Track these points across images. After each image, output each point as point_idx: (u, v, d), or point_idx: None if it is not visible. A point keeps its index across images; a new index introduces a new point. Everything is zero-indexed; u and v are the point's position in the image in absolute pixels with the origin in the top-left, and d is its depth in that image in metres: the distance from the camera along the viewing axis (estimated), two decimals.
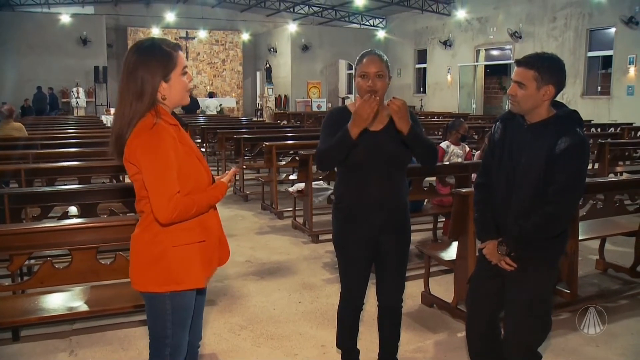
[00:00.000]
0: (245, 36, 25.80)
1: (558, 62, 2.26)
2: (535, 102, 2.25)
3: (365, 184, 2.48)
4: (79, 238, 3.03)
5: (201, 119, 13.82)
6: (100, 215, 4.04)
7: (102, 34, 21.61)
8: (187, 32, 24.04)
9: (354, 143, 2.34)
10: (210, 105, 18.52)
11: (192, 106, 16.06)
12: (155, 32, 23.19)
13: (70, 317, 3.26)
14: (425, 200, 5.33)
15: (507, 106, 2.49)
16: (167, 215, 1.87)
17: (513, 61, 17.55)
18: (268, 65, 23.71)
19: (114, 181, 5.50)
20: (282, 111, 20.91)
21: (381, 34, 24.21)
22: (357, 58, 2.52)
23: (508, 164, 2.34)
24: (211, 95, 19.89)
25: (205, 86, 24.58)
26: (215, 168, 9.37)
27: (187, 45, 23.78)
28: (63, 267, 3.12)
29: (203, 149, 9.82)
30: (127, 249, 2.28)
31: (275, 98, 23.32)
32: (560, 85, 2.26)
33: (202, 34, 24.45)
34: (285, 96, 23.74)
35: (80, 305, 3.23)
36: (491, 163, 2.45)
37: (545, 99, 2.25)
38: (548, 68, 2.22)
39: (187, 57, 23.80)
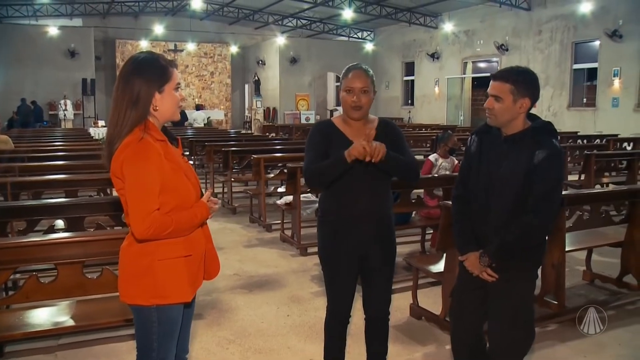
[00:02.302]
0: (234, 49, 25.90)
1: (532, 75, 2.33)
2: (511, 114, 2.31)
3: (350, 197, 2.50)
4: (65, 252, 3.01)
5: (189, 132, 13.81)
6: (87, 229, 4.02)
7: (90, 46, 21.62)
8: (175, 45, 24.08)
9: (347, 169, 2.38)
10: (197, 118, 18.54)
11: (180, 119, 16.05)
12: (144, 44, 23.21)
13: (55, 333, 3.23)
14: (413, 213, 5.36)
15: None
16: (141, 232, 1.89)
17: (498, 70, 17.71)
18: (256, 77, 23.81)
19: (102, 194, 5.47)
20: (270, 124, 20.96)
21: (369, 47, 24.42)
22: (343, 72, 2.55)
23: (486, 175, 2.38)
24: (199, 107, 19.91)
25: (193, 98, 24.55)
26: (204, 181, 9.34)
27: (176, 57, 23.77)
28: (49, 282, 3.09)
29: (191, 162, 9.80)
30: (114, 263, 2.28)
31: (264, 110, 23.38)
32: (535, 97, 2.33)
33: (191, 46, 24.53)
34: (274, 108, 23.79)
35: (66, 320, 3.21)
36: (468, 175, 2.49)
37: (522, 111, 2.31)
38: (523, 81, 2.29)
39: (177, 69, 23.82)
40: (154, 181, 1.90)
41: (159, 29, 23.44)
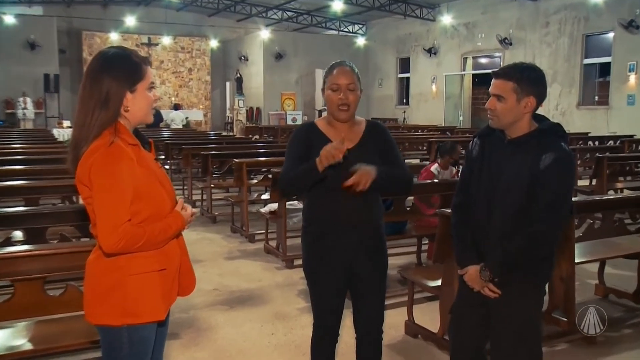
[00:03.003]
0: (214, 43, 25.88)
1: (538, 72, 2.33)
2: (515, 115, 2.31)
3: (336, 205, 2.50)
4: (23, 267, 2.96)
5: (165, 134, 13.76)
6: (50, 241, 3.97)
7: (53, 37, 21.24)
8: (149, 38, 24.02)
9: (321, 177, 2.38)
10: (175, 119, 18.45)
11: (155, 119, 15.92)
12: (114, 37, 23.08)
13: (11, 358, 3.17)
14: (408, 222, 5.37)
15: None
16: (110, 245, 1.88)
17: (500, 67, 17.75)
18: (238, 74, 23.80)
19: (66, 202, 5.41)
20: (253, 125, 20.93)
21: (361, 41, 24.54)
22: (326, 69, 2.58)
23: (488, 182, 2.38)
24: (176, 107, 19.85)
25: (169, 97, 24.49)
26: (181, 187, 9.31)
27: (150, 52, 23.70)
28: (4, 301, 3.04)
29: (167, 167, 9.76)
30: (79, 279, 2.25)
31: (247, 110, 23.36)
32: (541, 96, 2.32)
33: (166, 40, 24.45)
34: (258, 108, 23.79)
35: (24, 344, 3.14)
36: (469, 181, 2.49)
37: (526, 111, 2.31)
38: (527, 78, 2.29)
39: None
40: (125, 189, 1.88)
41: (130, 20, 23.28)
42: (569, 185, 2.33)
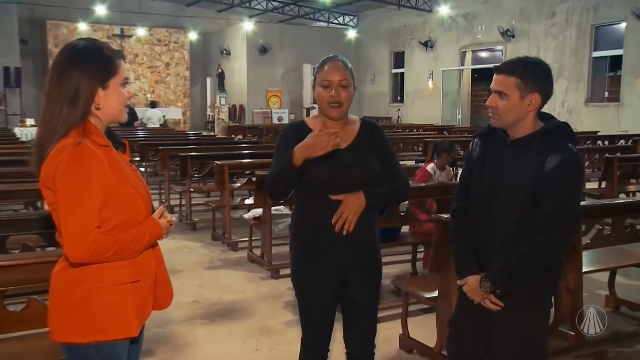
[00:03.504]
0: (193, 35, 25.86)
1: (543, 66, 2.33)
2: (519, 113, 2.30)
3: (327, 211, 2.48)
4: None
5: (140, 134, 13.70)
6: (11, 251, 3.93)
7: (13, 27, 20.89)
8: (122, 29, 23.88)
9: (296, 172, 2.37)
10: (152, 117, 18.36)
11: (129, 118, 15.77)
12: (82, 27, 22.85)
13: None
14: (403, 227, 5.38)
15: None
16: (77, 254, 1.86)
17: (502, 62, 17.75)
18: (220, 70, 23.77)
19: (30, 209, 5.37)
20: (236, 124, 20.93)
21: (352, 34, 24.62)
22: (317, 65, 2.58)
23: (489, 185, 2.39)
24: (153, 105, 19.76)
25: (145, 94, 24.44)
26: (157, 192, 9.26)
27: (123, 44, 23.58)
28: None
29: (143, 169, 9.71)
30: (44, 292, 2.22)
31: (229, 108, 23.34)
32: (546, 92, 2.32)
33: (141, 31, 24.37)
34: (241, 106, 23.79)
35: None
36: (469, 185, 2.50)
37: (531, 109, 2.30)
38: (532, 74, 2.28)
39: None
40: (94, 193, 1.87)
41: (100, 9, 22.88)
42: (576, 189, 2.32)
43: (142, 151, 9.97)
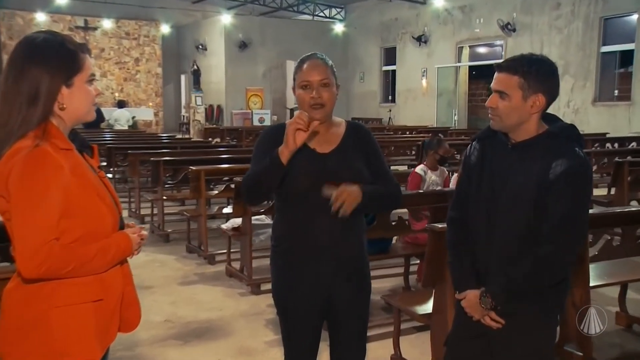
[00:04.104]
0: (165, 28, 25.81)
1: (548, 65, 2.34)
2: (521, 115, 2.31)
3: (312, 220, 2.51)
4: None
5: (107, 136, 13.64)
6: None
7: None
8: (85, 21, 23.61)
9: (283, 169, 2.39)
10: (119, 118, 18.29)
11: (95, 119, 15.80)
12: (41, 18, 22.56)
13: None
14: (395, 238, 5.41)
15: None
16: (30, 269, 1.83)
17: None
18: (195, 66, 23.73)
19: None
20: (213, 126, 20.88)
21: (339, 28, 24.69)
22: (295, 65, 2.59)
23: (489, 193, 2.39)
24: (121, 104, 19.67)
25: (112, 92, 24.30)
26: (127, 200, 9.23)
27: (87, 38, 23.40)
28: None
29: (110, 175, 9.66)
30: None
31: (205, 109, 23.29)
32: (552, 93, 2.33)
33: (107, 23, 24.15)
34: (218, 107, 23.75)
35: None
36: (467, 192, 2.51)
37: (534, 111, 2.31)
38: (536, 73, 2.28)
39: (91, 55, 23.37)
40: (51, 201, 1.84)
41: None
42: (585, 198, 2.33)
43: (109, 155, 9.91)
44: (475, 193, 2.45)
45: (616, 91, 15.96)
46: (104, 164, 9.86)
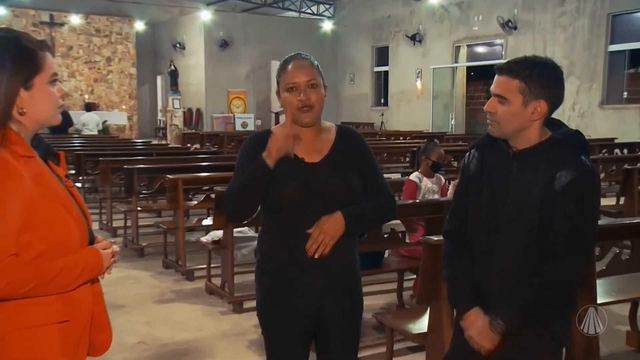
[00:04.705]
0: (140, 25, 25.76)
1: (553, 69, 2.33)
2: (521, 122, 2.31)
3: (299, 235, 2.50)
4: None
5: (76, 142, 13.58)
6: None
7: None
8: (51, 16, 23.39)
9: (269, 174, 2.42)
10: (89, 122, 18.20)
11: (62, 123, 15.64)
12: (0, 12, 22.36)
13: None
14: (387, 251, 5.42)
15: None
16: None
17: (505, 61, 17.53)
18: (173, 67, 23.70)
19: None
20: (192, 131, 20.84)
21: (327, 26, 24.76)
22: (279, 66, 2.60)
23: (489, 203, 2.40)
24: (90, 107, 19.59)
25: (81, 94, 24.17)
26: (97, 211, 9.19)
27: (53, 34, 23.27)
28: None
29: (79, 184, 9.63)
30: None
31: (184, 112, 23.27)
32: (555, 100, 2.33)
33: (75, 19, 23.97)
34: (198, 110, 23.73)
35: None
36: (465, 203, 2.52)
37: (535, 118, 2.30)
38: (539, 77, 2.27)
39: (53, 53, 23.14)
40: (10, 214, 1.82)
41: None
42: (593, 210, 2.33)
43: (78, 163, 9.87)
44: (474, 203, 2.46)
45: (625, 93, 15.95)
46: (73, 172, 9.80)
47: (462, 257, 2.52)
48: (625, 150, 11.57)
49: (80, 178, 9.84)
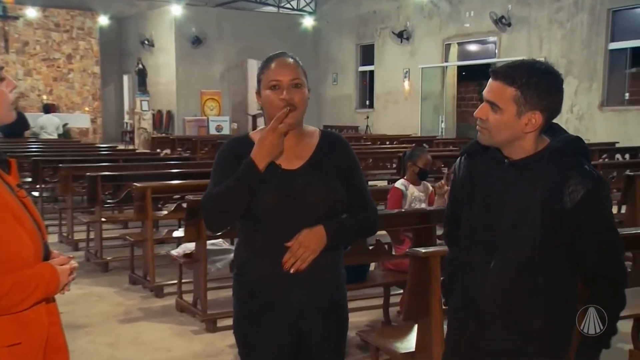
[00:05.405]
0: (104, 20, 25.63)
1: (553, 78, 2.30)
2: (513, 133, 2.29)
3: (280, 246, 2.51)
4: None
5: (33, 147, 13.51)
6: None
7: None
8: (4, 8, 23.00)
9: (260, 178, 2.43)
10: (47, 125, 18.09)
11: (17, 126, 15.62)
12: None
13: None
14: (373, 265, 5.44)
15: None
16: None
17: (498, 60, 17.97)
18: (140, 65, 23.59)
19: None
20: (163, 135, 20.79)
21: (308, 22, 24.80)
22: (260, 65, 2.62)
23: (483, 219, 2.40)
24: (49, 109, 19.48)
25: (39, 95, 24.01)
26: (57, 223, 9.14)
27: (6, 28, 23.09)
28: None
29: (36, 193, 9.58)
30: None
31: (153, 115, 23.18)
32: (551, 111, 2.31)
33: (31, 12, 23.71)
34: (168, 112, 23.67)
35: None
36: (457, 208, 2.55)
37: (528, 130, 2.28)
38: (536, 86, 2.24)
39: (6, 48, 23.11)
40: None
41: None
42: (612, 220, 2.39)
43: (35, 170, 9.76)
44: (466, 216, 2.48)
45: (627, 94, 15.97)
46: (29, 179, 9.74)
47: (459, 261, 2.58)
48: (627, 156, 11.57)
49: (38, 186, 9.75)
